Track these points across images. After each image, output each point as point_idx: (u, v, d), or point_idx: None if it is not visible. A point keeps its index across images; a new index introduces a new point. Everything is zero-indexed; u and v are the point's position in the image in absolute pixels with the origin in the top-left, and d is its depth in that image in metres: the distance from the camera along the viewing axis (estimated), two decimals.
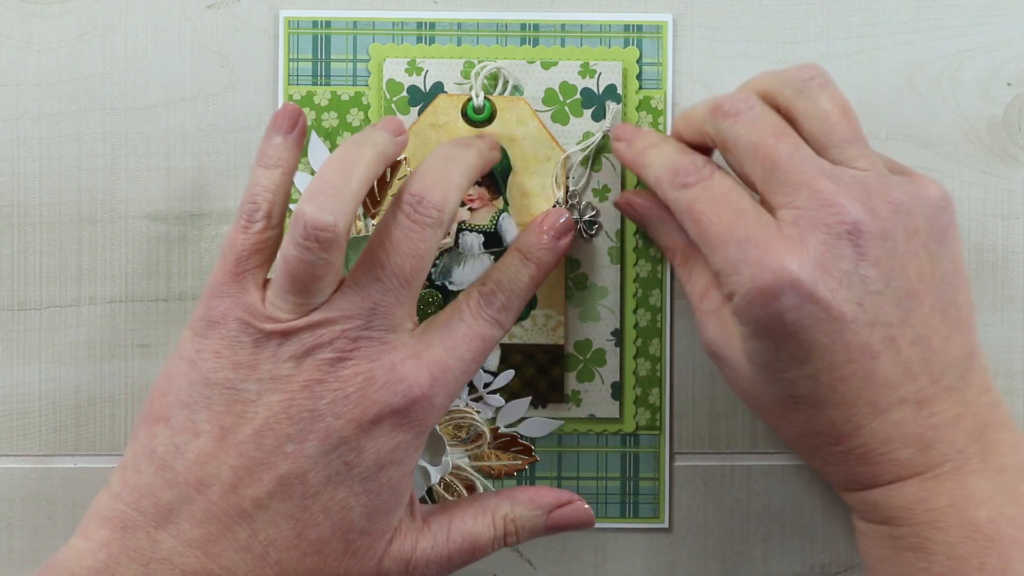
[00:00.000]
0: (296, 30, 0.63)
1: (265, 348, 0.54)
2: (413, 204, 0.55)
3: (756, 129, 0.56)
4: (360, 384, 0.54)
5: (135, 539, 0.53)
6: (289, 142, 0.57)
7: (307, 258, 0.53)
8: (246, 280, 0.55)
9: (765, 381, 0.56)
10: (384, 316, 0.55)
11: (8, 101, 0.63)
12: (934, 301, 0.55)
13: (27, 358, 0.63)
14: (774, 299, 0.53)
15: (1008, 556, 0.53)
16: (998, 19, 0.64)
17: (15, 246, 0.63)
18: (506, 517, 0.59)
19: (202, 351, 0.54)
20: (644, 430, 0.64)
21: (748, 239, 0.54)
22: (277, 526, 0.54)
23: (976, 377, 0.56)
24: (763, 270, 0.54)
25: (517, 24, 0.63)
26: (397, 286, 0.55)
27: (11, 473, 0.64)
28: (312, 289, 0.54)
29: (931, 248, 0.55)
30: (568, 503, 0.59)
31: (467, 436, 0.63)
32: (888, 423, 0.55)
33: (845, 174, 0.55)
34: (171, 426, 0.54)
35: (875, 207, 0.54)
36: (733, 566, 0.64)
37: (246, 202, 0.56)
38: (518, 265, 0.59)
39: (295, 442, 0.54)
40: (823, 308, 0.54)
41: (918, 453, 0.55)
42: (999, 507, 0.54)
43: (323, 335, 0.54)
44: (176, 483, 0.53)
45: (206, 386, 0.54)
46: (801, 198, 0.55)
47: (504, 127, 0.63)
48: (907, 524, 0.55)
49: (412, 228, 0.55)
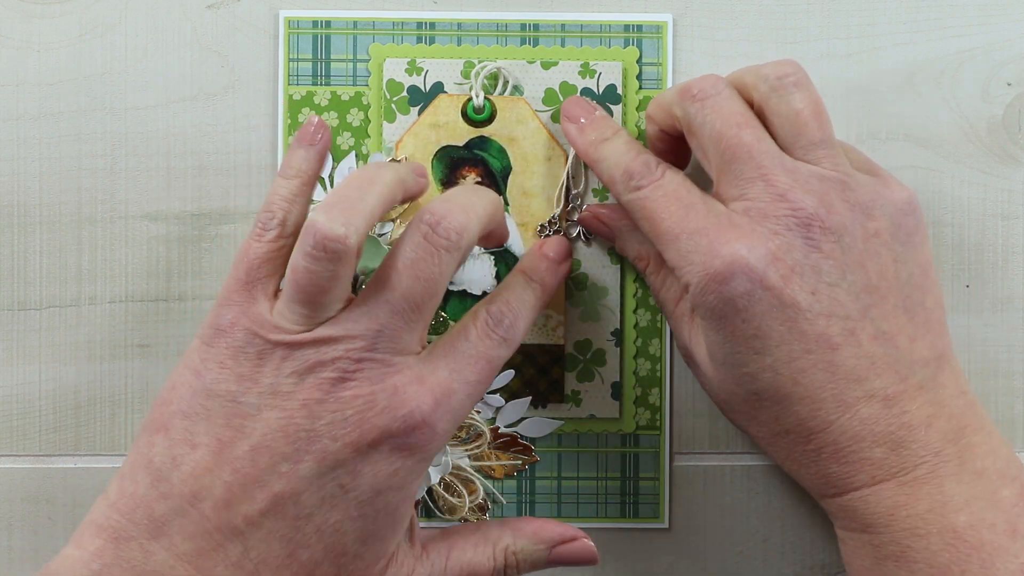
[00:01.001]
0: (296, 30, 0.63)
1: (269, 361, 0.53)
2: (432, 225, 0.54)
3: (721, 116, 0.56)
4: (360, 407, 0.53)
5: (128, 550, 0.52)
6: (311, 154, 0.57)
7: (315, 268, 0.52)
8: (256, 289, 0.54)
9: (728, 379, 0.56)
10: (391, 339, 0.53)
11: (8, 101, 0.63)
12: (897, 300, 0.55)
13: (27, 358, 0.63)
14: (724, 284, 0.54)
15: (990, 563, 0.53)
16: (998, 19, 0.64)
17: (15, 246, 0.63)
18: (507, 549, 0.57)
19: (207, 360, 0.54)
20: (644, 430, 0.64)
21: (698, 230, 0.55)
22: (269, 545, 0.53)
23: (948, 378, 0.56)
24: (713, 257, 0.54)
25: (517, 24, 0.63)
26: (407, 310, 0.53)
27: (11, 473, 0.64)
28: (319, 302, 0.53)
29: (894, 248, 0.56)
30: (572, 540, 0.58)
31: (467, 436, 0.63)
32: (857, 419, 0.55)
33: (805, 169, 0.55)
34: (170, 436, 0.53)
35: (831, 203, 0.55)
36: (733, 566, 0.64)
37: (263, 211, 0.55)
38: (523, 286, 0.58)
39: (290, 462, 0.53)
40: (775, 295, 0.54)
41: (891, 453, 0.55)
42: (979, 512, 0.54)
43: (326, 353, 0.53)
44: (170, 495, 0.53)
45: (208, 397, 0.53)
46: (755, 190, 0.55)
47: (504, 127, 0.63)
48: (886, 531, 0.55)
49: (427, 251, 0.53)
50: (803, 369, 0.54)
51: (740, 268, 0.54)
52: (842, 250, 0.55)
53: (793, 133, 0.56)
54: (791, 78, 0.56)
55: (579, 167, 0.63)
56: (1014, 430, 0.65)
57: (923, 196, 0.64)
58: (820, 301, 0.54)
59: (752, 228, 0.54)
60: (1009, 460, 0.56)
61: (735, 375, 0.56)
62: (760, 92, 0.57)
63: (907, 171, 0.64)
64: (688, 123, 0.57)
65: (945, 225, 0.64)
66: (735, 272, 0.54)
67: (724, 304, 0.54)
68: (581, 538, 0.58)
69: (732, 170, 0.56)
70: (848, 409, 0.55)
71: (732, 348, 0.55)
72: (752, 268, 0.54)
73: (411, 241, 0.54)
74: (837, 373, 0.54)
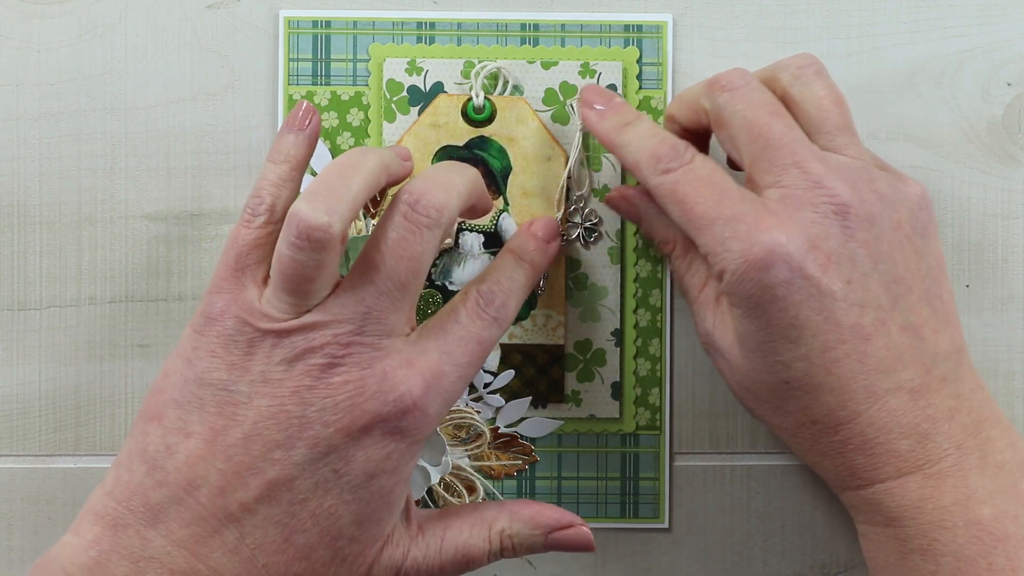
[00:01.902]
0: (296, 30, 0.63)
1: (259, 348, 0.53)
2: (411, 204, 0.54)
3: (751, 105, 0.56)
4: (350, 393, 0.53)
5: (126, 537, 0.53)
6: (300, 139, 0.56)
7: (299, 258, 0.52)
8: (245, 276, 0.54)
9: (759, 367, 0.56)
10: (378, 321, 0.53)
11: (8, 101, 0.63)
12: (920, 292, 0.55)
13: (27, 358, 0.64)
14: (765, 272, 0.54)
15: (1016, 555, 0.53)
16: (998, 19, 0.64)
17: (15, 246, 0.63)
18: (503, 532, 0.57)
19: (198, 349, 0.54)
20: (644, 430, 0.64)
21: (735, 216, 0.55)
22: (265, 531, 0.53)
23: (967, 372, 0.56)
24: (753, 244, 0.54)
25: (517, 24, 0.63)
26: (392, 290, 0.53)
27: (11, 473, 0.64)
28: (305, 290, 0.53)
29: (915, 241, 0.56)
30: (569, 526, 0.58)
31: (467, 436, 0.63)
32: (885, 411, 0.55)
33: (833, 159, 0.56)
34: (164, 425, 0.54)
35: (862, 191, 0.55)
36: (733, 566, 0.64)
37: (252, 196, 0.55)
38: (513, 266, 0.58)
39: (283, 449, 0.53)
40: (813, 284, 0.54)
41: (916, 445, 0.55)
42: (1002, 505, 0.54)
43: (315, 339, 0.53)
44: (166, 483, 0.53)
45: (200, 386, 0.54)
46: (790, 177, 0.55)
47: (504, 127, 0.63)
48: (913, 524, 0.55)
49: (409, 229, 0.54)
50: (836, 359, 0.54)
51: (780, 256, 0.54)
52: (874, 239, 0.55)
53: (818, 119, 0.57)
54: (812, 68, 0.57)
55: (579, 168, 0.63)
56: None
57: None
58: (855, 290, 0.54)
59: (789, 215, 0.54)
60: None
61: (767, 363, 0.55)
62: (783, 82, 0.57)
63: (907, 171, 0.64)
64: (718, 114, 0.57)
65: (945, 225, 0.64)
66: (775, 260, 0.54)
67: (762, 292, 0.54)
68: (578, 525, 0.58)
69: (766, 157, 0.56)
70: (877, 400, 0.55)
71: (766, 336, 0.55)
72: (792, 256, 0.54)
73: (392, 221, 0.54)
74: (868, 364, 0.54)
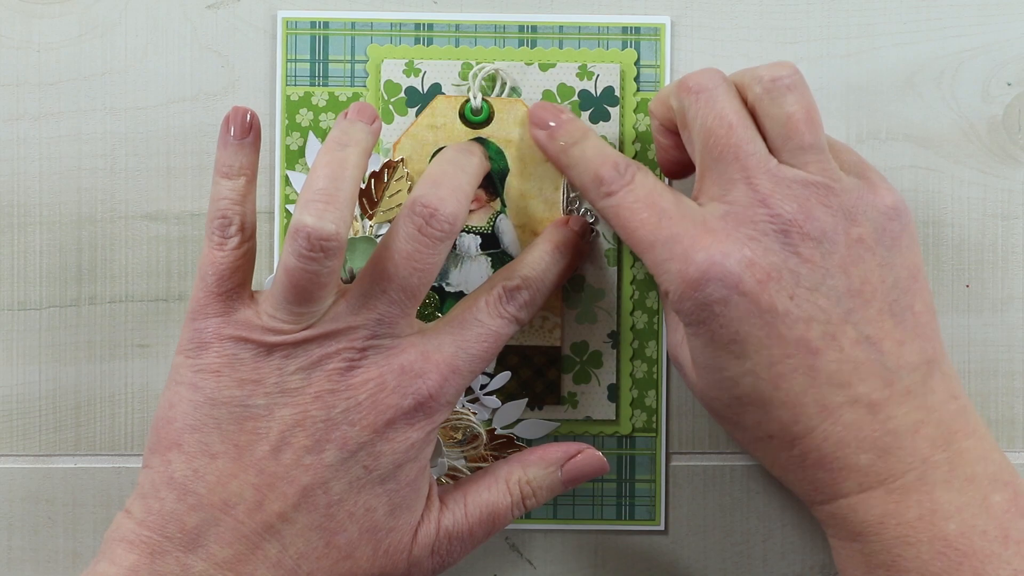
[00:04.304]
0: (294, 30, 0.63)
1: (269, 361, 0.54)
2: (426, 218, 0.54)
3: (713, 112, 0.56)
4: (371, 390, 0.54)
5: (164, 564, 0.53)
6: (246, 147, 0.56)
7: (312, 268, 0.53)
8: (231, 298, 0.55)
9: (711, 383, 0.56)
10: (389, 325, 0.55)
11: (8, 101, 0.64)
12: (883, 305, 0.55)
13: (27, 358, 0.64)
14: (701, 290, 0.54)
15: (982, 570, 0.53)
16: (998, 19, 0.64)
17: (15, 246, 0.64)
18: (520, 481, 0.59)
19: (200, 372, 0.54)
20: (640, 432, 0.64)
21: (672, 237, 0.55)
22: (306, 538, 0.54)
23: (939, 383, 0.55)
24: (688, 264, 0.54)
25: (515, 26, 0.63)
26: (403, 299, 0.55)
27: (11, 473, 0.64)
28: (315, 298, 0.54)
29: (879, 253, 0.55)
30: (578, 453, 0.59)
31: (463, 438, 0.63)
32: (840, 425, 0.54)
33: (790, 174, 0.55)
34: (185, 452, 0.54)
35: (811, 208, 0.54)
36: (733, 566, 0.64)
37: (215, 217, 0.55)
38: (553, 259, 0.59)
39: (313, 453, 0.54)
40: (751, 300, 0.54)
41: (877, 459, 0.54)
42: (970, 519, 0.54)
43: (330, 346, 0.54)
44: (201, 506, 0.53)
45: (213, 407, 0.54)
46: (736, 193, 0.55)
47: (502, 129, 0.62)
48: (877, 540, 0.55)
49: (423, 242, 0.54)
50: (783, 374, 0.54)
51: (715, 274, 0.54)
52: (822, 255, 0.54)
53: (783, 136, 0.55)
54: (785, 80, 0.55)
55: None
56: (1014, 430, 0.64)
57: (923, 196, 0.64)
58: (799, 306, 0.54)
59: (728, 233, 0.54)
60: (1002, 465, 0.55)
61: (717, 379, 0.55)
62: (754, 93, 0.56)
63: (907, 171, 0.64)
64: (682, 116, 0.57)
65: (945, 225, 0.64)
66: (710, 278, 0.54)
67: (701, 309, 0.54)
68: (586, 449, 0.59)
69: (717, 169, 0.55)
70: (831, 414, 0.54)
71: (712, 352, 0.55)
72: (728, 273, 0.54)
73: (405, 232, 0.55)
74: (818, 378, 0.54)
